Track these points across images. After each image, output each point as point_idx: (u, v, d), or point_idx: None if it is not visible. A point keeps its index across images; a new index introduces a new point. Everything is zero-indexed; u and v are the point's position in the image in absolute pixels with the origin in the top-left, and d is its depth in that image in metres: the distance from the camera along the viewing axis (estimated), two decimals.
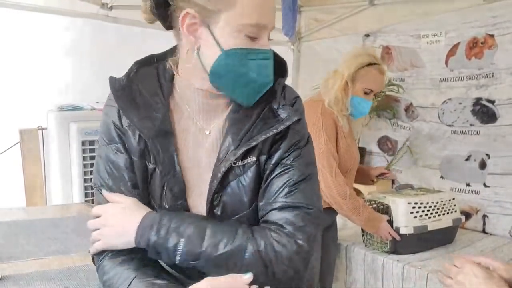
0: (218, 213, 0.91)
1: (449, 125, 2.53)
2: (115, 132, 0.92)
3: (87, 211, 1.84)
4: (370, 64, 1.99)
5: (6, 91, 2.57)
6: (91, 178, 2.44)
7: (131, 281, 0.85)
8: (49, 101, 2.54)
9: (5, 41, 2.55)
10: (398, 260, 1.96)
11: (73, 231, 1.54)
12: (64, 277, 1.15)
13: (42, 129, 2.55)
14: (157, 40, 3.06)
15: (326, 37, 3.33)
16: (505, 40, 2.27)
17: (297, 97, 0.96)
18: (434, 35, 2.59)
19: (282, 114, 0.92)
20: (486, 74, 2.36)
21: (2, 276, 1.13)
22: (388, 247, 2.01)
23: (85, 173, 2.41)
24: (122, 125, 0.92)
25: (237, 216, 0.91)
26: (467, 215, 2.37)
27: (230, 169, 0.90)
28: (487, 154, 2.36)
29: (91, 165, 2.44)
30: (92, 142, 2.42)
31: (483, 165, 2.37)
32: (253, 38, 0.86)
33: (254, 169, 0.91)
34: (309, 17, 3.46)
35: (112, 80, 0.93)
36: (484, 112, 2.37)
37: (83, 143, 2.39)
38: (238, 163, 0.90)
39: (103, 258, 0.90)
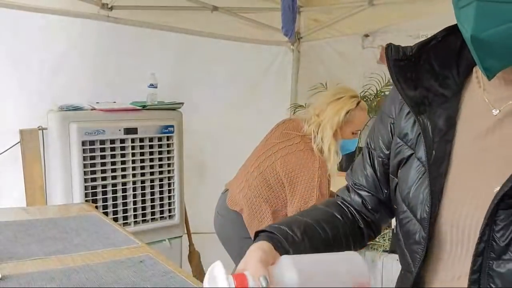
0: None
1: None
2: None
3: (88, 211, 1.85)
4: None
5: (6, 91, 2.57)
6: (91, 178, 2.44)
7: None
8: (49, 101, 2.54)
9: (4, 41, 2.55)
10: (398, 260, 1.96)
11: (73, 231, 1.54)
12: (64, 277, 1.15)
13: (43, 129, 2.55)
14: (158, 40, 3.08)
15: (325, 37, 3.34)
16: None
17: None
18: None
19: None
20: None
21: (2, 276, 1.13)
22: (388, 246, 2.01)
23: (85, 173, 2.41)
24: None
25: None
26: None
27: None
28: None
29: (91, 165, 2.43)
30: (92, 142, 2.41)
31: None
32: None
33: None
34: (308, 17, 3.47)
35: None
36: None
37: (83, 143, 2.39)
38: None
39: None
